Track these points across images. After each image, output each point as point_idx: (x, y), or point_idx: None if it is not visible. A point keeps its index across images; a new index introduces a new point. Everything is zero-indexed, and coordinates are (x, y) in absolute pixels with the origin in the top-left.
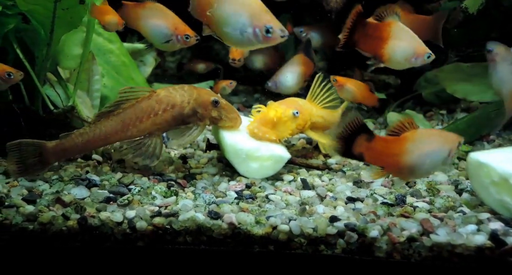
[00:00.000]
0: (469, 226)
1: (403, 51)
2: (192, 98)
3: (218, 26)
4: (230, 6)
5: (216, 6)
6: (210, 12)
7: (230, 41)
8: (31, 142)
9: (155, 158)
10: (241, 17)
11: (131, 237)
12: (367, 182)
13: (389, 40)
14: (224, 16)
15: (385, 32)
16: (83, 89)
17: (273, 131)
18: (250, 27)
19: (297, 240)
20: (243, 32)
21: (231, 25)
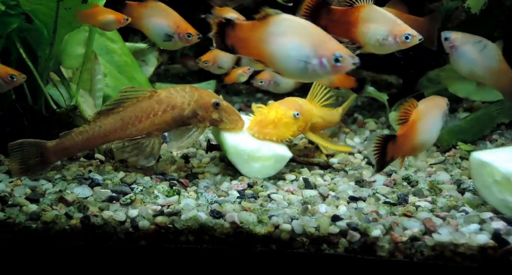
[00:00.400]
0: (472, 226)
1: (375, 33)
2: (193, 99)
3: (275, 61)
4: (288, 39)
5: (270, 40)
6: (262, 48)
7: (291, 75)
8: (32, 142)
9: (152, 159)
10: (303, 49)
11: (134, 236)
12: (369, 182)
13: (358, 23)
14: (283, 50)
15: (353, 16)
16: (85, 88)
17: (274, 132)
18: (316, 58)
19: (299, 239)
20: (307, 64)
21: (292, 58)
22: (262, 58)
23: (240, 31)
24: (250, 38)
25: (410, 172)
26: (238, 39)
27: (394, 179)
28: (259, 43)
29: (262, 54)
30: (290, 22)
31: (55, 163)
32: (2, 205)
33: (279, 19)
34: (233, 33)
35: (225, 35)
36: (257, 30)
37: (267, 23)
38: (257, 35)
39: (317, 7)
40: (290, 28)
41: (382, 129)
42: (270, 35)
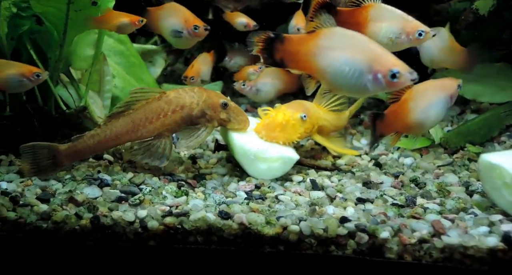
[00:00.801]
0: (481, 228)
1: (387, 32)
2: (201, 99)
3: (327, 75)
4: (341, 53)
5: (322, 54)
6: (313, 62)
7: (343, 90)
8: (44, 145)
9: (164, 159)
10: (357, 63)
11: (143, 237)
12: (377, 183)
13: (367, 23)
14: (335, 64)
15: (361, 17)
16: (94, 89)
17: (281, 135)
18: (370, 73)
19: (308, 240)
20: (361, 79)
21: (345, 73)
22: (313, 73)
23: (289, 45)
24: (300, 51)
25: (418, 173)
26: (287, 53)
27: (401, 180)
28: (310, 57)
29: (313, 68)
30: (343, 35)
31: (66, 165)
32: (13, 205)
33: (331, 32)
34: (282, 47)
35: (274, 50)
36: (308, 43)
37: (318, 36)
38: (308, 49)
39: (323, 9)
40: (342, 42)
41: None
42: (322, 48)
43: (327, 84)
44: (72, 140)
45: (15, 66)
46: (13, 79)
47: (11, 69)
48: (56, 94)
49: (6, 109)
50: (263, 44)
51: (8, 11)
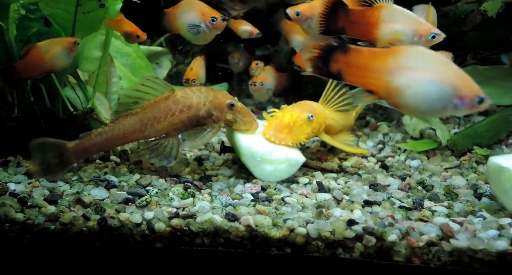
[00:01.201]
0: (490, 231)
1: (400, 33)
2: (208, 100)
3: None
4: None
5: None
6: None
7: (416, 111)
8: (53, 142)
9: (172, 159)
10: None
11: (150, 238)
12: (384, 186)
13: (379, 24)
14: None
15: (374, 17)
16: (101, 91)
17: (289, 136)
18: (456, 98)
19: (315, 243)
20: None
21: (428, 95)
22: (379, 90)
23: (355, 57)
24: (369, 66)
25: (425, 176)
26: (350, 65)
27: (408, 183)
28: (383, 74)
29: (384, 86)
30: (427, 55)
31: (74, 163)
32: (21, 206)
33: (413, 51)
34: (344, 58)
35: (332, 60)
36: (382, 59)
37: (397, 53)
38: (382, 65)
39: (334, 7)
40: (427, 62)
41: (394, 132)
42: (401, 67)
43: (398, 104)
44: (79, 138)
45: (57, 42)
46: (60, 55)
47: (56, 47)
48: (64, 95)
49: (15, 111)
50: (320, 52)
51: (17, 13)
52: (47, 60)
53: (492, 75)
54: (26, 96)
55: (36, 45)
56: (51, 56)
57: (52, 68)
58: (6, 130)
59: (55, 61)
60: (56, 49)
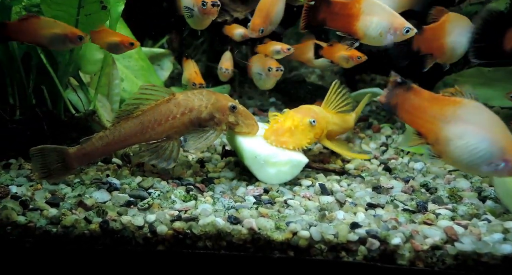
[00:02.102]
0: (495, 235)
1: (377, 25)
2: (210, 102)
3: (449, 146)
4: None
5: (456, 124)
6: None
7: (458, 163)
8: (53, 148)
9: (172, 161)
10: (491, 147)
11: (152, 241)
12: (387, 188)
13: (360, 16)
14: (466, 142)
15: (355, 9)
16: (103, 93)
17: (290, 140)
18: (501, 160)
19: (318, 246)
20: (490, 162)
21: (474, 152)
22: (430, 134)
23: (415, 96)
24: (426, 109)
25: (429, 178)
26: (408, 102)
27: (412, 185)
28: (437, 120)
29: (436, 131)
30: (485, 112)
31: (76, 168)
32: (23, 209)
33: (473, 105)
34: (403, 95)
35: (393, 94)
36: (441, 105)
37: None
38: (439, 111)
39: (318, 1)
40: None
41: (398, 134)
42: (458, 118)
43: (444, 152)
44: (81, 142)
45: (61, 26)
46: (57, 37)
47: (56, 28)
48: (66, 97)
49: (16, 113)
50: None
51: (19, 15)
52: (41, 34)
53: (496, 76)
54: (28, 98)
55: (39, 17)
56: (47, 33)
57: (40, 42)
58: (8, 132)
59: (48, 39)
60: (55, 30)
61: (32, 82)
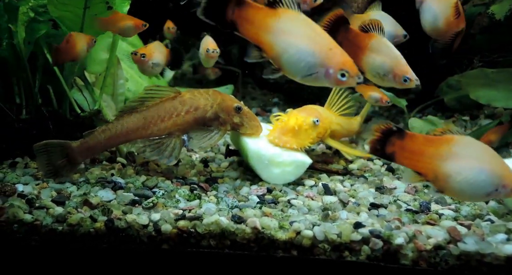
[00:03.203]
0: (499, 235)
1: (379, 66)
2: (215, 102)
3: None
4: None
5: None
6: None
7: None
8: (57, 143)
9: (173, 159)
10: (489, 178)
11: (157, 240)
12: (390, 188)
13: (366, 51)
14: (468, 175)
15: (364, 43)
16: (108, 93)
17: (293, 139)
18: (501, 187)
19: (321, 245)
20: (486, 191)
21: (474, 185)
22: (429, 173)
23: (410, 142)
24: (422, 151)
25: None
26: (404, 149)
27: (415, 186)
28: (434, 159)
29: (435, 170)
30: (477, 146)
31: (81, 163)
32: (29, 207)
33: (466, 141)
34: (399, 142)
35: (387, 142)
36: (436, 145)
37: (450, 141)
38: (435, 151)
39: (337, 22)
40: (477, 152)
41: None
42: (453, 154)
43: (445, 187)
44: (83, 136)
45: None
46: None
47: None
48: (71, 97)
49: (23, 112)
50: (380, 135)
51: (25, 16)
52: (76, 49)
53: (499, 78)
54: (34, 98)
55: (71, 34)
56: (80, 46)
57: (76, 58)
58: (14, 131)
59: (81, 51)
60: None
61: (38, 82)
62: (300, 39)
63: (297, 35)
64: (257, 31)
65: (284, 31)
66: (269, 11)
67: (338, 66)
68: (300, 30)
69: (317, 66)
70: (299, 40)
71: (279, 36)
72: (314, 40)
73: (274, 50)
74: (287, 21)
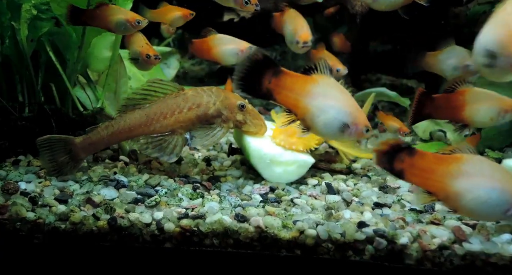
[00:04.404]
0: (504, 235)
1: (486, 112)
2: (218, 99)
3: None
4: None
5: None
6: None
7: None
8: (59, 137)
9: (174, 156)
10: (501, 195)
11: (159, 239)
12: (394, 188)
13: (465, 106)
14: (479, 193)
15: (459, 101)
16: (110, 91)
17: (299, 141)
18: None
19: (325, 245)
20: (499, 210)
21: (486, 203)
22: (440, 192)
23: (421, 160)
24: (433, 170)
25: None
26: (413, 167)
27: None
28: (445, 178)
29: (445, 189)
30: (488, 163)
31: (84, 159)
32: (32, 205)
33: (476, 159)
34: (409, 160)
35: (396, 158)
36: (446, 164)
37: (460, 159)
38: (445, 170)
39: (422, 99)
40: (488, 170)
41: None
42: (463, 173)
43: (456, 206)
44: (86, 132)
45: (124, 12)
46: (120, 23)
47: (120, 15)
48: (74, 95)
49: (25, 110)
50: (388, 149)
51: (28, 14)
52: (110, 20)
53: None
54: (37, 96)
55: (109, 5)
56: (116, 18)
57: (110, 28)
58: (17, 129)
59: (116, 24)
60: (119, 16)
61: (41, 80)
62: (336, 101)
63: (333, 98)
64: (294, 96)
65: (321, 95)
66: (306, 78)
67: (364, 124)
68: (335, 93)
69: (350, 125)
70: (336, 102)
71: (316, 99)
72: (348, 102)
73: (309, 112)
74: (323, 86)
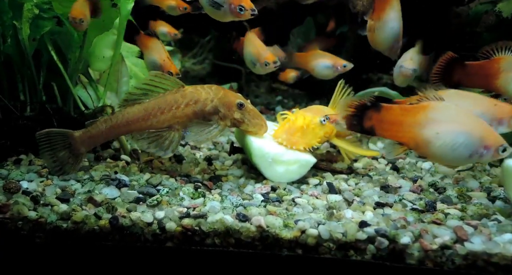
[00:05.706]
0: (506, 235)
1: None
2: (217, 96)
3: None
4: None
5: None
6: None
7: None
8: (58, 131)
9: (169, 152)
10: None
11: (161, 238)
12: (395, 187)
13: (499, 74)
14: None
15: (494, 69)
16: (111, 90)
17: (301, 140)
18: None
19: (326, 244)
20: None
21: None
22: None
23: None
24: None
25: (437, 178)
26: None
27: (420, 185)
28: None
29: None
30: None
31: (84, 154)
32: (34, 204)
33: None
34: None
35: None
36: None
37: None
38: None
39: (450, 64)
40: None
41: None
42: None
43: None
44: (85, 125)
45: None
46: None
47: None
48: (75, 94)
49: (27, 109)
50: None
51: (30, 13)
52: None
53: None
54: (38, 95)
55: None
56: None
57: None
58: (19, 128)
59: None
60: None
61: (42, 79)
62: (453, 124)
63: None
64: (399, 128)
65: (435, 121)
66: (413, 108)
67: (498, 144)
68: (450, 117)
69: (476, 147)
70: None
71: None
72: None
73: (424, 141)
74: (435, 112)
